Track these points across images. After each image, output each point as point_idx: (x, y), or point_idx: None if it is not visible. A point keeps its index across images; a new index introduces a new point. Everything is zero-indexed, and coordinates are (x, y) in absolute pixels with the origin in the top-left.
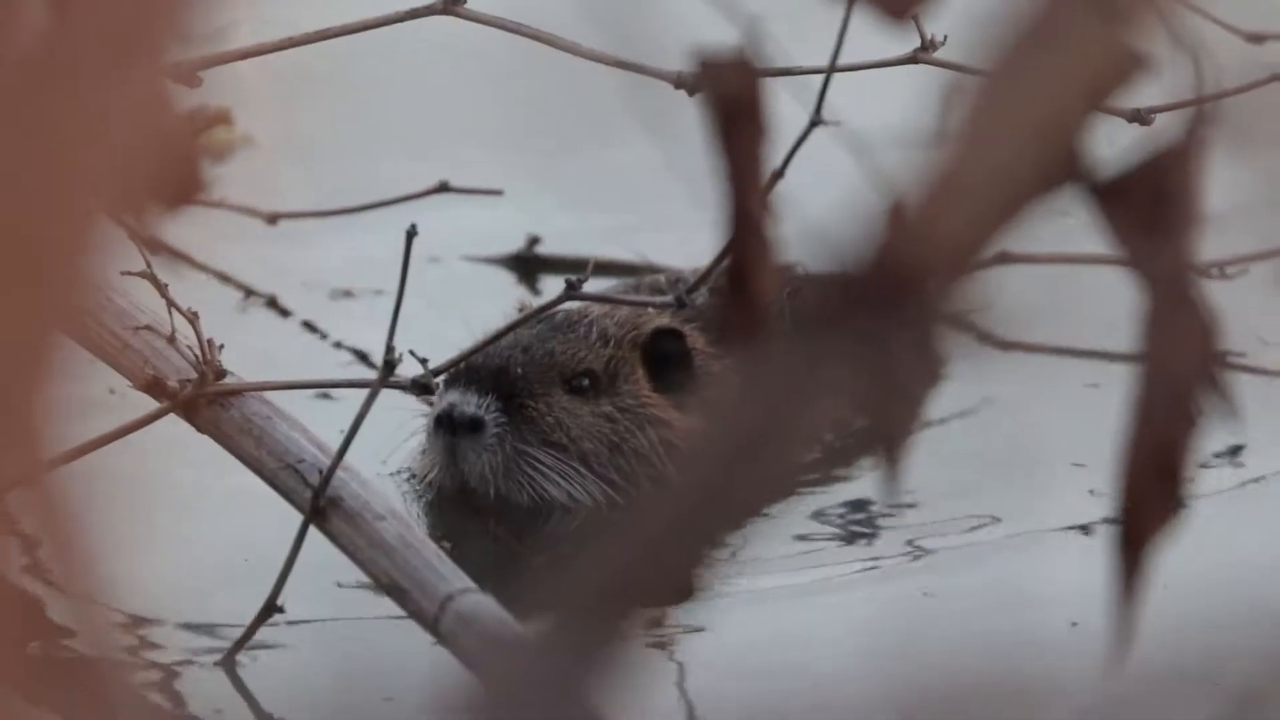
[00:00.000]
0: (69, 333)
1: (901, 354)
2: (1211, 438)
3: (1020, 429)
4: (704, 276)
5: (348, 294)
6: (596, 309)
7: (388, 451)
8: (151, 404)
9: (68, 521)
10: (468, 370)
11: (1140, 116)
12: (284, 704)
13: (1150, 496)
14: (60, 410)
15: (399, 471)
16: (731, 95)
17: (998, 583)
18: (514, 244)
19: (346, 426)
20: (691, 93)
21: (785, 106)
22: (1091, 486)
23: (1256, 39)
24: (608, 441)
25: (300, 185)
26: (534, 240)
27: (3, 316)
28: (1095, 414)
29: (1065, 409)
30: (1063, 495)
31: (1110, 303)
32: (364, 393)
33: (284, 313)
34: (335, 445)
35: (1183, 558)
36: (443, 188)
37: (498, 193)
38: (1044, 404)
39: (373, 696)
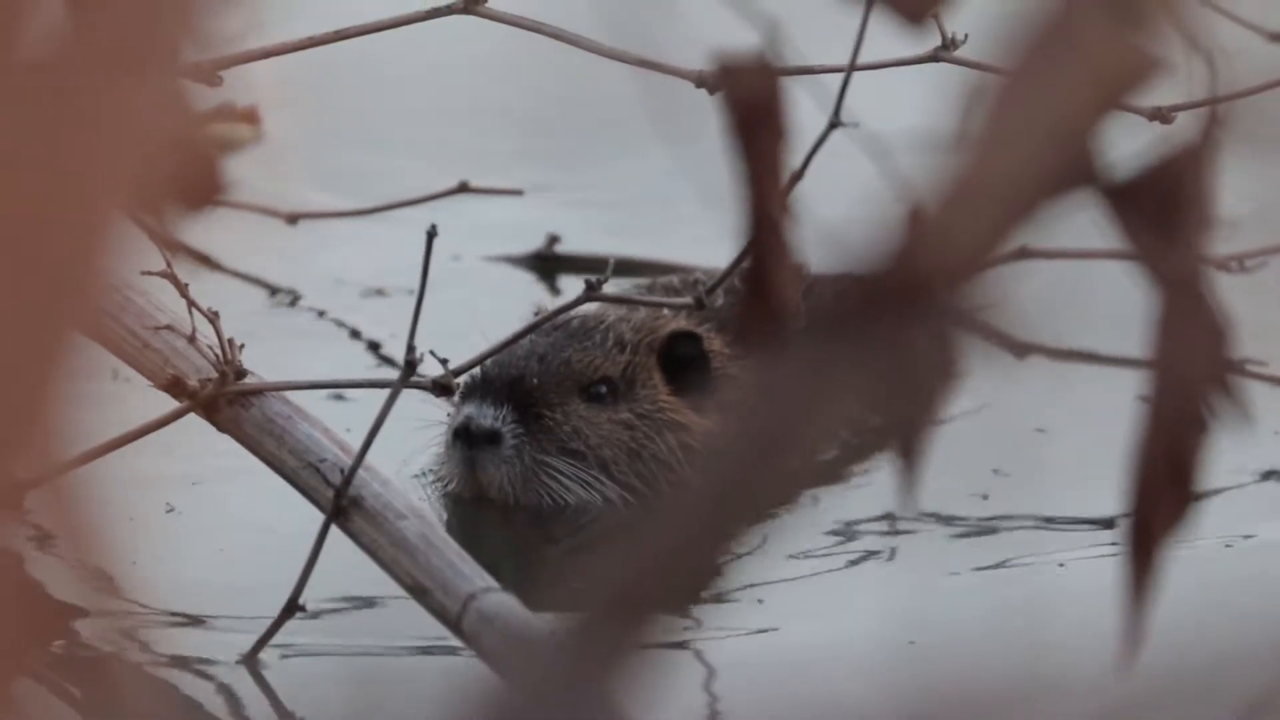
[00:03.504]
0: (88, 333)
1: (918, 356)
2: (1223, 439)
3: (1034, 429)
4: (723, 277)
5: (380, 293)
6: (613, 313)
7: (408, 452)
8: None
9: (87, 520)
10: (484, 381)
11: (1161, 115)
12: (305, 704)
13: (1162, 498)
14: (73, 403)
15: (421, 473)
16: (751, 96)
17: (1011, 583)
18: (534, 243)
19: (360, 427)
20: (712, 93)
21: (804, 108)
22: (1104, 487)
23: (1278, 39)
24: (626, 448)
25: (320, 185)
26: (554, 239)
27: (20, 317)
28: (1109, 415)
29: (1079, 410)
30: (1076, 496)
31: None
32: (383, 393)
33: (318, 312)
34: (354, 445)
35: (1192, 564)
36: (462, 188)
37: (518, 192)
38: (1057, 404)
39: (394, 696)
